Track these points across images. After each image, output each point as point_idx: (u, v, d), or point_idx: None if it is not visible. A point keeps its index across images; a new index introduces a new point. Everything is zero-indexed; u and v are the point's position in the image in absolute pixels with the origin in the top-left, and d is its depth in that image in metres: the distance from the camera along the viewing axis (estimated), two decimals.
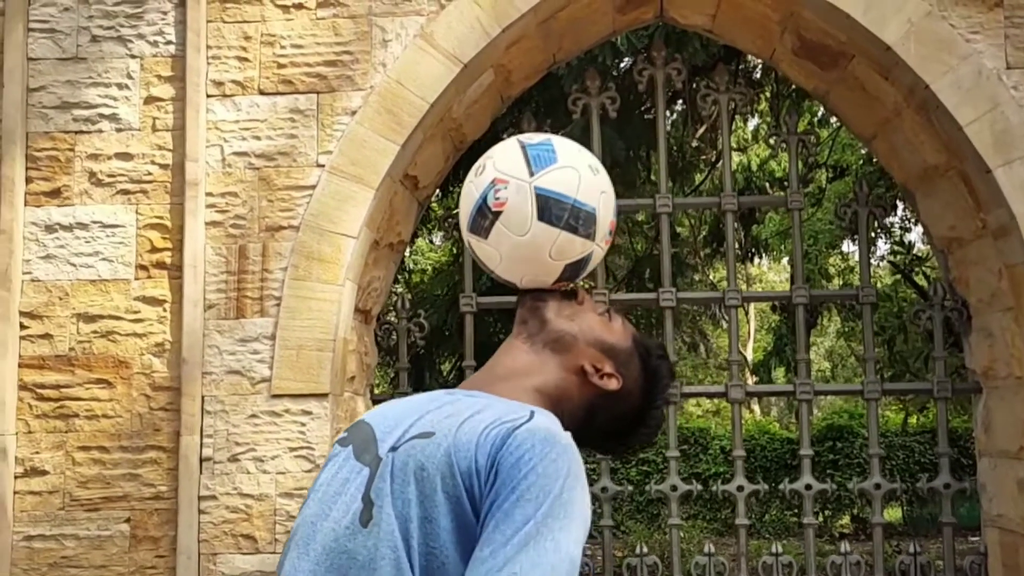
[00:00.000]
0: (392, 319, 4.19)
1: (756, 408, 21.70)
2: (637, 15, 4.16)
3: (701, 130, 9.35)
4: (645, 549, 4.09)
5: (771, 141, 4.36)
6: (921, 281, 12.60)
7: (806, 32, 3.88)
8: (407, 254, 10.58)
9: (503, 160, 1.51)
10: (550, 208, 1.47)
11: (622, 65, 7.45)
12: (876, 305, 4.33)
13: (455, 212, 4.13)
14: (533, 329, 1.51)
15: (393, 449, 1.34)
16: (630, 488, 4.24)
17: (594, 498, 4.10)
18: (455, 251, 9.89)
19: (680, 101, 8.93)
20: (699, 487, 4.16)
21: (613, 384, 1.51)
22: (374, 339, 4.12)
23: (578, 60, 6.17)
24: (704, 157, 10.12)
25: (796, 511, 13.59)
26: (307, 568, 1.32)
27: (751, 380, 19.32)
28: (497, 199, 1.47)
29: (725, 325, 22.70)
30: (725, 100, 4.17)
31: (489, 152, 1.55)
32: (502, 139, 1.80)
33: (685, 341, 14.90)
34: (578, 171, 1.49)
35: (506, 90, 4.15)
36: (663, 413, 1.61)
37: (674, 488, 4.06)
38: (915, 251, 12.92)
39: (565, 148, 1.52)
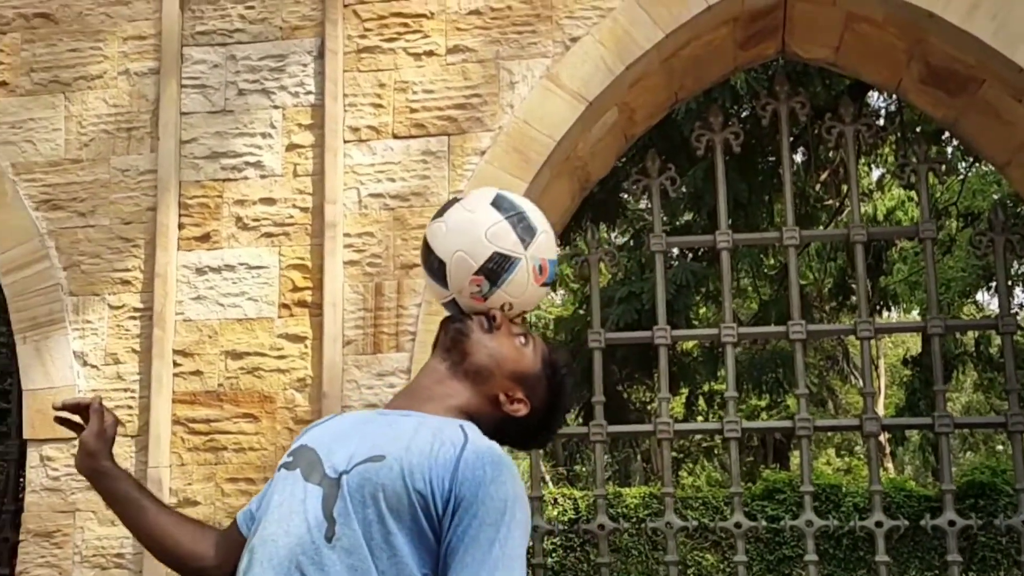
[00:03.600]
0: None
1: (890, 466, 20.95)
2: (759, 51, 4.21)
3: (824, 175, 9.26)
4: None
5: (901, 171, 4.28)
6: None
7: (933, 59, 3.85)
8: None
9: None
10: (502, 201, 1.75)
11: (742, 112, 7.49)
12: (1015, 333, 4.20)
13: (581, 253, 4.20)
14: (456, 358, 1.70)
15: (346, 472, 1.51)
16: (694, 523, 4.16)
17: (658, 532, 4.05)
18: (583, 293, 9.97)
19: (801, 149, 8.88)
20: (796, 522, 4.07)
21: (522, 410, 1.72)
22: None
23: (697, 103, 6.24)
24: (828, 202, 10.00)
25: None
26: None
27: (884, 438, 18.69)
28: (464, 193, 1.82)
29: (853, 381, 22.07)
30: (851, 132, 4.15)
31: None
32: (625, 182, 2.18)
33: (812, 394, 14.56)
34: (537, 210, 1.79)
35: (629, 129, 4.23)
36: (564, 419, 1.84)
37: (738, 525, 3.97)
38: None
39: (533, 206, 1.81)
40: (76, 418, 1.89)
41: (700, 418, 15.43)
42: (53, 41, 4.02)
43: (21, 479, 4.11)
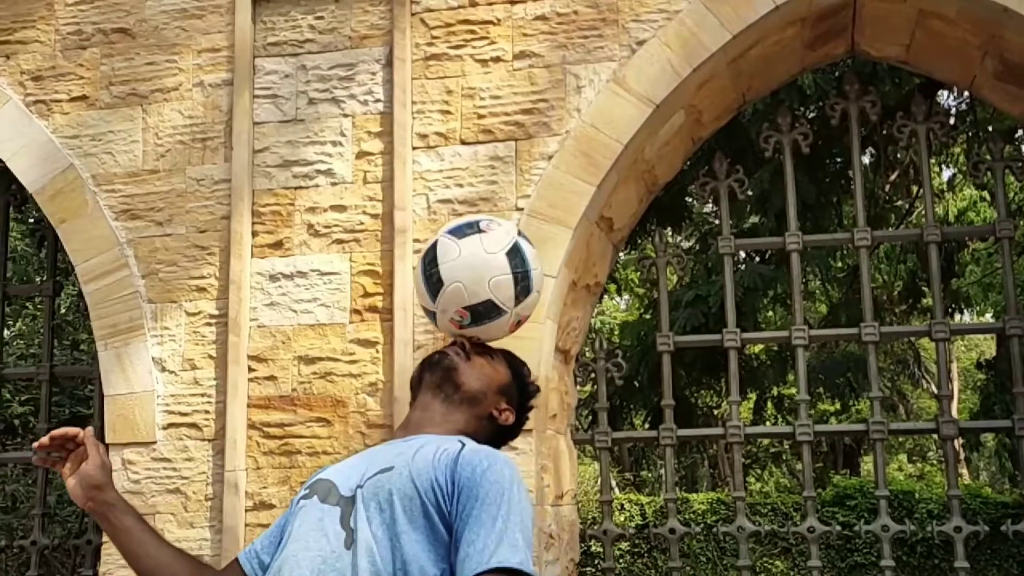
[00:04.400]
0: (590, 359, 4.27)
1: (964, 472, 20.49)
2: (827, 50, 4.16)
3: (893, 175, 9.11)
4: None
5: (975, 170, 4.19)
6: None
7: (1009, 54, 3.78)
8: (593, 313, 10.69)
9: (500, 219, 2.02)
10: (516, 254, 1.91)
11: (810, 113, 7.40)
12: None
13: (648, 257, 4.20)
14: (449, 391, 1.86)
15: (360, 487, 1.67)
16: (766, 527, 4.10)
17: (728, 536, 4.01)
18: (649, 297, 9.92)
19: (869, 150, 8.74)
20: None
21: (511, 418, 1.93)
22: (573, 379, 4.20)
23: (764, 104, 6.19)
24: (897, 204, 9.83)
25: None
26: None
27: (958, 443, 18.29)
28: (488, 225, 1.93)
29: (925, 385, 21.61)
30: (923, 131, 4.08)
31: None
32: (691, 185, 2.28)
33: (884, 399, 14.30)
34: (541, 270, 1.98)
35: (697, 131, 4.21)
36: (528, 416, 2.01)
37: (812, 530, 3.92)
38: None
39: (539, 264, 1.99)
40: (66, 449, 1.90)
41: (769, 423, 15.26)
42: (131, 55, 4.13)
43: None
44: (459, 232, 1.92)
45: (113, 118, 4.10)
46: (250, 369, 3.86)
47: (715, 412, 15.37)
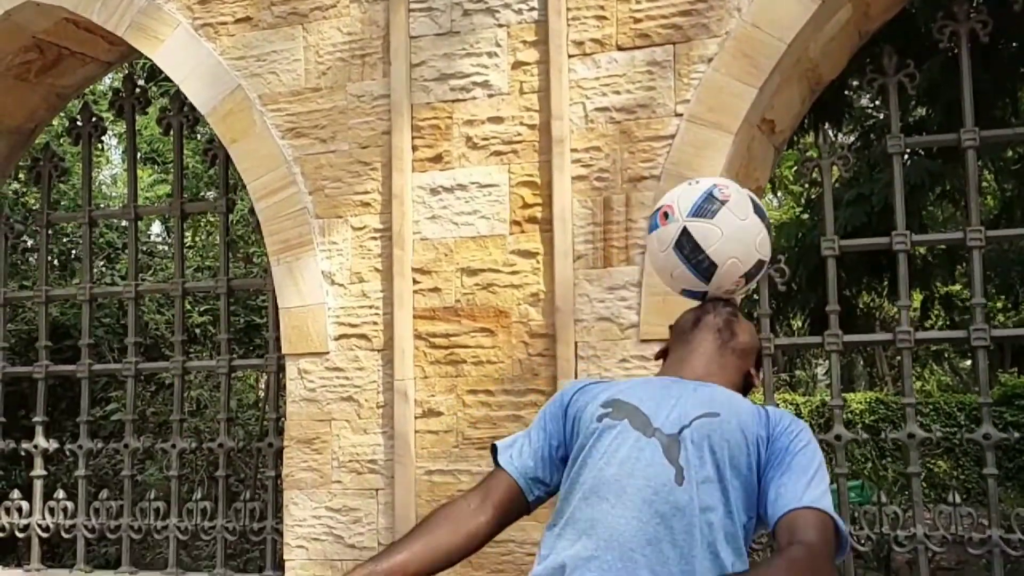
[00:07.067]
0: None
1: None
2: None
3: None
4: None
5: None
6: None
7: None
8: None
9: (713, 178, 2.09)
10: (759, 209, 1.97)
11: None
12: None
13: (809, 155, 4.06)
14: (726, 337, 1.94)
15: (686, 427, 1.74)
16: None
17: (977, 449, 3.90)
18: (807, 197, 9.63)
19: None
20: None
21: (757, 381, 2.02)
22: None
23: None
24: None
25: None
26: (628, 514, 1.67)
27: None
28: (723, 192, 1.94)
29: None
30: None
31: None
32: (853, 79, 2.21)
33: None
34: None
35: (864, 25, 4.01)
36: None
37: (987, 436, 3.77)
38: None
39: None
40: None
41: (935, 323, 14.74)
42: None
43: (280, 391, 4.45)
44: (704, 212, 1.92)
45: (275, 38, 4.20)
46: (415, 281, 3.96)
47: (876, 313, 14.93)
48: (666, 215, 1.95)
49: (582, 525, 1.70)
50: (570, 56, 3.82)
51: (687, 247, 1.92)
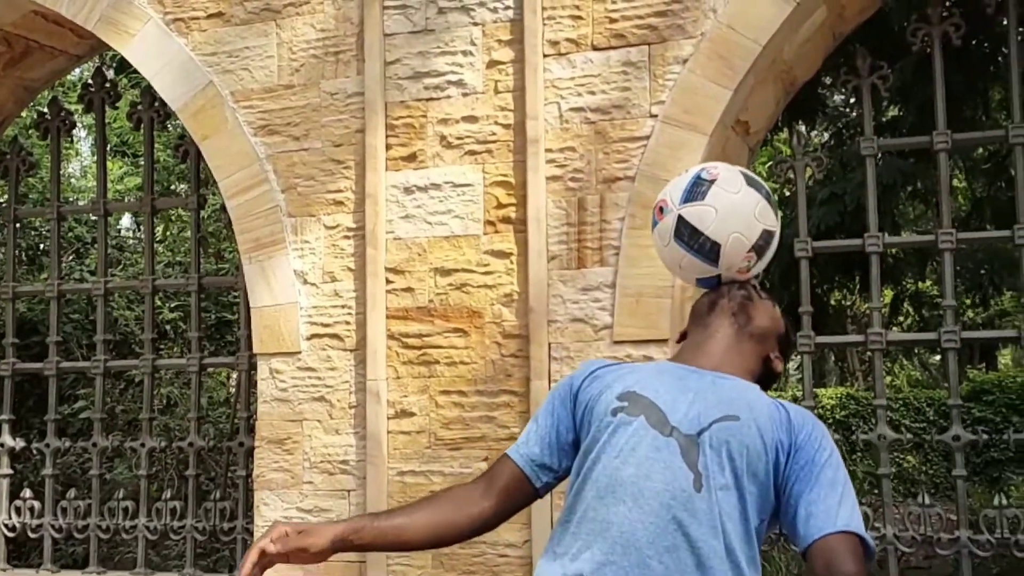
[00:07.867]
0: None
1: None
2: None
3: None
4: (1005, 500, 3.88)
5: None
6: None
7: None
8: None
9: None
10: (754, 181, 1.91)
11: None
12: None
13: (784, 155, 4.07)
14: (742, 321, 1.89)
15: (704, 429, 1.70)
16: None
17: (945, 446, 3.94)
18: (779, 195, 9.68)
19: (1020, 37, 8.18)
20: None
21: (780, 367, 1.95)
22: None
23: None
24: None
25: None
26: (646, 519, 1.65)
27: None
28: (710, 173, 1.90)
29: None
30: None
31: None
32: (828, 80, 2.17)
33: None
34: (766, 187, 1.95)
35: (839, 27, 4.02)
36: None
37: (957, 438, 3.81)
38: None
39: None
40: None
41: (905, 319, 14.85)
42: None
43: (252, 388, 4.42)
44: (694, 195, 1.88)
45: (248, 34, 4.15)
46: (388, 281, 3.93)
47: (848, 311, 15.03)
48: (662, 209, 1.93)
49: (597, 526, 1.69)
50: (545, 56, 3.81)
51: (686, 233, 1.88)
